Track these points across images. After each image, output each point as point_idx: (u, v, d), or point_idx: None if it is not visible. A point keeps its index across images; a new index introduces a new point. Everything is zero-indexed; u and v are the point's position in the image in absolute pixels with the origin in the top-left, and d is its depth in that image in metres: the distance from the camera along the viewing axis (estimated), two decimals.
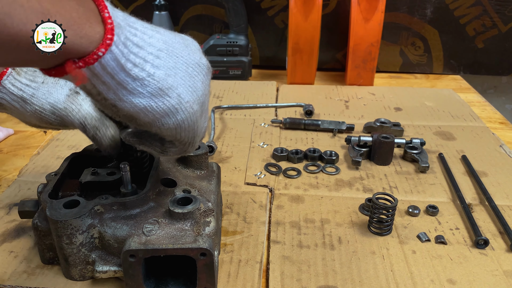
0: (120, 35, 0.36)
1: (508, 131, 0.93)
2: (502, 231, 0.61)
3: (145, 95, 0.38)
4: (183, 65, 0.40)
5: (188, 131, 0.43)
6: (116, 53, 0.35)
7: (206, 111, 0.46)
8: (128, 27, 0.37)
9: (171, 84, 0.39)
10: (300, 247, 0.58)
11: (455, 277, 0.53)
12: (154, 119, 0.40)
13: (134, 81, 0.37)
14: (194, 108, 0.42)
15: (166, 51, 0.39)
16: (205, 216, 0.51)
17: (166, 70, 0.39)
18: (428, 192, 0.70)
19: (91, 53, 0.34)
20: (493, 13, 1.18)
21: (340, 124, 0.89)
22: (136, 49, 0.37)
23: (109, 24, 0.35)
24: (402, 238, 0.60)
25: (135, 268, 0.46)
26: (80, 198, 0.51)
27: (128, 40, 0.36)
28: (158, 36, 0.39)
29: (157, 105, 0.39)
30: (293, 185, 0.72)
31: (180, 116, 0.41)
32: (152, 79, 0.38)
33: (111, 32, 0.35)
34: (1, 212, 0.64)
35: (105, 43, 0.35)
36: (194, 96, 0.41)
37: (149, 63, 0.38)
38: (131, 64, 0.37)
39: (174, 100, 0.40)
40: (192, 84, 0.41)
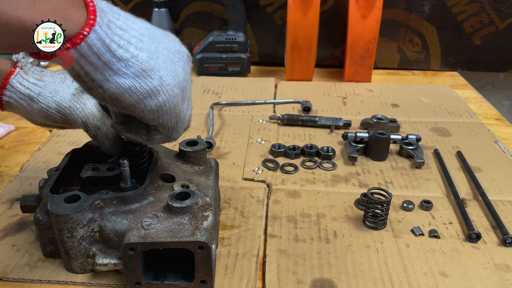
0: (103, 17, 0.38)
1: (504, 127, 0.94)
2: (495, 225, 0.62)
3: (129, 76, 0.41)
4: (164, 50, 0.43)
5: (170, 114, 0.45)
6: (100, 33, 0.38)
7: (189, 99, 0.48)
8: (111, 12, 0.39)
9: (153, 66, 0.41)
10: (296, 241, 0.59)
11: (447, 270, 0.54)
12: (137, 100, 0.42)
13: (119, 61, 0.40)
14: (175, 91, 0.44)
15: (148, 36, 0.42)
16: (203, 210, 0.52)
17: (149, 53, 0.41)
18: (423, 187, 0.71)
19: (77, 34, 0.37)
20: (490, 10, 1.18)
21: (337, 121, 0.90)
22: (120, 32, 0.39)
23: (91, 6, 0.38)
24: (397, 232, 0.61)
25: (134, 261, 0.47)
26: (81, 193, 0.52)
27: (111, 23, 0.39)
28: (140, 23, 0.42)
29: (140, 86, 0.41)
30: (290, 181, 0.73)
31: (162, 97, 0.43)
32: (136, 60, 0.40)
33: (94, 13, 0.37)
34: (3, 206, 0.65)
35: (89, 23, 0.37)
36: (175, 80, 0.44)
37: (132, 45, 0.40)
38: (116, 45, 0.39)
39: (156, 81, 0.42)
40: (173, 69, 0.43)
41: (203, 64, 1.18)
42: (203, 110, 0.98)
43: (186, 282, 0.50)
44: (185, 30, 1.28)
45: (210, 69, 1.19)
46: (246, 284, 0.52)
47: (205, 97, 1.05)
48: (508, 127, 0.94)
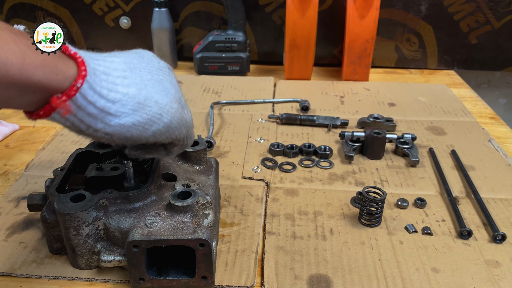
0: (90, 64, 0.40)
1: (498, 126, 0.95)
2: (486, 223, 0.64)
3: (129, 113, 0.42)
4: (148, 74, 0.45)
5: (179, 128, 0.47)
6: (91, 82, 0.39)
7: (185, 104, 0.50)
8: (91, 60, 0.41)
9: (145, 95, 0.43)
10: (294, 238, 0.61)
11: (439, 266, 0.56)
12: (145, 130, 0.44)
13: (114, 104, 0.41)
14: (174, 107, 0.46)
15: (129, 69, 0.43)
16: (204, 209, 0.54)
17: (136, 85, 0.43)
18: (417, 186, 0.73)
19: (71, 86, 0.38)
20: (486, 10, 1.20)
21: (335, 120, 0.92)
22: (105, 76, 0.41)
23: (79, 58, 0.39)
24: (391, 230, 0.63)
25: (138, 257, 0.49)
26: (86, 192, 0.54)
27: (96, 70, 0.40)
28: (117, 60, 0.43)
29: (142, 118, 0.43)
30: (288, 179, 0.75)
31: (166, 118, 0.45)
32: (128, 97, 0.42)
33: (83, 64, 0.39)
34: (10, 205, 0.67)
35: (81, 75, 0.38)
36: (169, 97, 0.46)
37: (119, 85, 0.41)
38: (105, 90, 0.40)
39: (154, 107, 0.44)
40: (163, 88, 0.45)
41: (203, 63, 1.20)
42: (203, 109, 1.00)
43: (187, 278, 0.52)
44: (185, 29, 1.30)
45: (210, 68, 1.21)
46: (245, 279, 0.54)
47: (205, 96, 1.07)
48: (502, 125, 0.96)
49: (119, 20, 1.28)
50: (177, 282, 0.52)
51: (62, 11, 1.29)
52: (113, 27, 1.29)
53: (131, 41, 1.31)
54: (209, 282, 0.52)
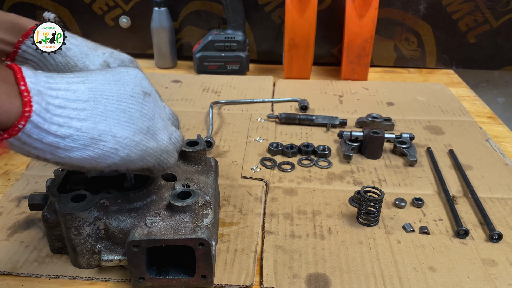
0: (41, 102, 0.38)
1: (496, 125, 0.96)
2: (483, 222, 0.65)
3: (79, 148, 0.41)
4: (114, 104, 0.43)
5: (142, 159, 0.46)
6: (37, 121, 0.38)
7: (160, 129, 0.48)
8: (49, 91, 0.39)
9: (103, 129, 0.42)
10: (292, 237, 0.62)
11: (435, 265, 0.57)
12: (98, 163, 0.43)
13: (64, 139, 0.40)
14: (136, 140, 0.44)
15: (94, 100, 0.42)
16: (203, 208, 0.55)
17: (95, 117, 0.41)
18: (415, 185, 0.74)
19: (13, 126, 0.37)
20: (485, 9, 1.20)
21: (334, 119, 0.93)
22: (59, 111, 0.40)
23: (26, 97, 0.38)
24: (389, 229, 0.64)
25: (138, 257, 0.50)
26: (87, 192, 0.54)
27: (49, 105, 0.39)
28: (83, 88, 0.42)
29: (94, 153, 0.42)
30: (287, 179, 0.76)
31: (123, 152, 0.44)
32: (81, 132, 0.41)
33: (29, 104, 0.38)
34: (11, 204, 0.68)
35: (24, 116, 0.38)
36: (132, 128, 0.44)
37: (74, 119, 0.40)
38: (56, 126, 0.39)
39: (109, 143, 0.42)
40: (127, 119, 0.44)
41: (203, 62, 1.20)
42: (203, 109, 1.01)
43: (187, 277, 0.52)
44: (185, 28, 1.30)
45: (210, 67, 1.21)
46: (244, 278, 0.55)
47: (204, 96, 1.08)
48: (499, 125, 0.96)
49: (118, 20, 1.28)
50: (177, 281, 0.53)
51: (62, 10, 1.29)
52: (112, 26, 1.30)
53: (130, 41, 1.31)
54: (208, 281, 0.52)
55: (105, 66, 0.58)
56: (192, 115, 0.97)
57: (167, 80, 1.17)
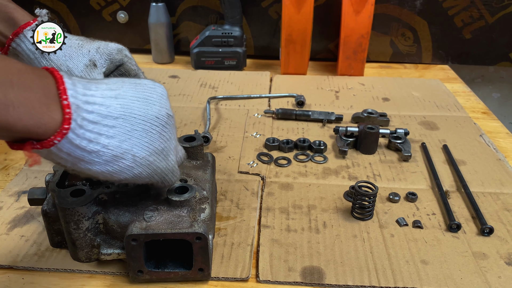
0: (77, 118, 0.39)
1: (490, 120, 0.97)
2: (475, 216, 0.66)
3: (101, 163, 0.43)
4: (140, 124, 0.45)
5: (150, 177, 0.48)
6: (71, 137, 0.39)
7: (170, 150, 0.49)
8: (86, 105, 0.40)
9: (125, 148, 0.44)
10: (288, 231, 0.63)
11: (428, 258, 0.58)
12: (112, 177, 0.45)
13: (90, 154, 0.41)
14: (150, 160, 0.46)
15: (124, 117, 0.43)
16: (201, 203, 0.56)
17: (121, 136, 0.43)
18: (409, 180, 0.75)
19: (48, 140, 0.38)
20: (481, 5, 1.21)
21: (330, 115, 0.94)
22: (92, 126, 0.41)
23: (67, 114, 0.38)
24: (382, 223, 0.65)
25: (137, 251, 0.51)
26: (86, 187, 0.55)
27: (84, 120, 0.40)
28: (115, 104, 0.43)
29: (113, 169, 0.44)
30: (283, 174, 0.77)
31: (137, 170, 0.46)
32: (106, 149, 0.42)
33: (68, 122, 0.38)
34: (11, 199, 0.69)
35: (62, 133, 0.38)
36: (149, 149, 0.46)
37: (103, 135, 0.42)
38: (86, 141, 0.41)
39: (128, 161, 0.44)
40: (148, 140, 0.45)
41: (200, 58, 1.21)
42: (200, 104, 1.01)
43: (185, 270, 0.54)
44: (182, 24, 1.30)
45: (207, 63, 1.22)
46: (241, 271, 0.56)
47: (202, 91, 1.08)
48: (493, 120, 0.97)
49: (116, 15, 1.28)
50: (175, 274, 0.54)
51: (60, 5, 1.29)
52: (110, 21, 1.30)
53: (128, 36, 1.32)
54: (205, 274, 0.53)
55: (91, 66, 0.58)
56: (190, 111, 0.98)
57: (164, 75, 1.18)
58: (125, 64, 0.66)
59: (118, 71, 0.68)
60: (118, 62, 0.65)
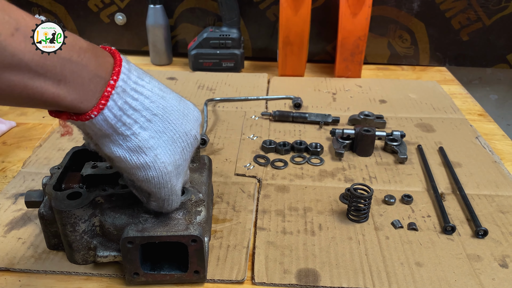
0: (118, 100, 0.41)
1: (486, 122, 0.98)
2: (469, 218, 0.66)
3: (124, 148, 0.44)
4: (172, 131, 0.46)
5: (160, 188, 0.48)
6: (108, 116, 0.41)
7: (184, 173, 0.51)
8: (133, 92, 0.42)
9: (151, 144, 0.45)
10: (284, 233, 0.63)
11: (422, 260, 0.59)
12: (126, 168, 0.46)
13: (118, 135, 0.43)
14: (168, 169, 0.47)
15: (161, 116, 0.45)
16: (196, 206, 0.56)
17: (152, 132, 0.45)
18: (405, 182, 0.75)
19: (85, 114, 0.40)
20: (478, 7, 1.22)
21: (326, 117, 0.94)
22: (131, 111, 0.43)
23: (107, 92, 0.40)
24: (378, 225, 0.65)
25: (132, 253, 0.51)
26: (82, 190, 0.56)
27: (126, 104, 0.42)
28: (160, 102, 0.45)
29: (131, 158, 0.44)
30: (280, 176, 0.77)
31: (152, 172, 0.46)
32: (135, 137, 0.44)
33: (106, 98, 0.40)
34: (8, 201, 0.69)
35: (98, 107, 0.40)
36: (171, 158, 0.46)
37: (138, 124, 0.43)
38: (121, 123, 0.42)
39: (149, 158, 0.45)
40: (173, 148, 0.47)
41: (198, 59, 1.21)
42: (198, 106, 1.02)
43: (180, 272, 0.54)
44: (180, 25, 1.31)
45: (205, 64, 1.22)
46: (236, 273, 0.56)
47: (199, 93, 1.09)
48: (490, 122, 0.98)
49: (114, 17, 1.29)
50: (171, 276, 0.54)
51: (58, 7, 1.29)
52: (108, 23, 1.30)
53: (126, 38, 1.32)
54: (201, 276, 0.54)
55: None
56: None
57: (162, 77, 1.18)
58: None
59: None
60: None
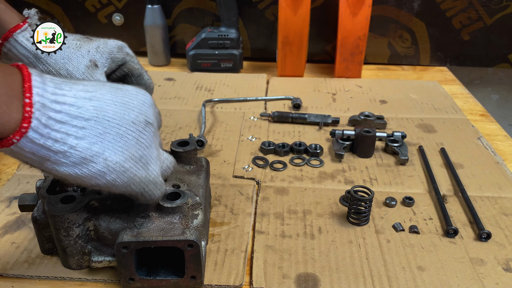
0: (41, 117, 0.38)
1: (488, 123, 0.96)
2: (472, 221, 0.65)
3: (69, 164, 0.41)
4: (114, 128, 0.42)
5: (126, 186, 0.45)
6: (33, 137, 0.37)
7: (153, 159, 0.47)
8: (54, 105, 0.39)
9: (96, 151, 0.41)
10: (283, 237, 0.62)
11: (424, 265, 0.57)
12: (83, 181, 0.43)
13: (56, 154, 0.39)
14: (125, 166, 0.44)
15: (96, 119, 0.41)
16: (193, 209, 0.55)
17: (92, 138, 0.41)
18: (406, 184, 0.74)
19: (7, 138, 0.37)
20: (479, 6, 1.21)
21: (326, 118, 0.93)
22: (58, 126, 0.39)
23: (27, 112, 0.37)
24: (378, 228, 0.64)
25: (128, 258, 0.50)
26: (76, 194, 0.54)
27: (50, 119, 0.38)
28: (89, 105, 0.41)
29: (82, 172, 0.41)
30: (278, 178, 0.76)
31: (109, 176, 0.43)
32: (74, 150, 0.40)
33: (28, 121, 0.37)
34: (2, 205, 0.68)
35: (20, 131, 0.37)
36: (125, 155, 0.43)
37: (72, 135, 0.40)
38: (52, 140, 0.39)
39: (100, 165, 0.42)
40: (122, 144, 0.43)
41: (196, 60, 1.20)
42: (196, 107, 1.00)
43: (177, 278, 0.53)
44: (178, 26, 1.30)
45: (203, 65, 1.21)
46: (234, 279, 0.55)
47: (198, 94, 1.07)
48: (492, 123, 0.96)
49: (111, 17, 1.28)
50: (167, 282, 0.53)
51: (55, 8, 1.28)
52: (105, 24, 1.29)
53: (123, 38, 1.29)
54: (198, 281, 0.53)
55: (92, 67, 0.57)
56: (185, 114, 0.97)
57: (160, 78, 1.17)
58: (128, 63, 0.63)
59: (121, 71, 0.65)
60: (120, 61, 0.62)
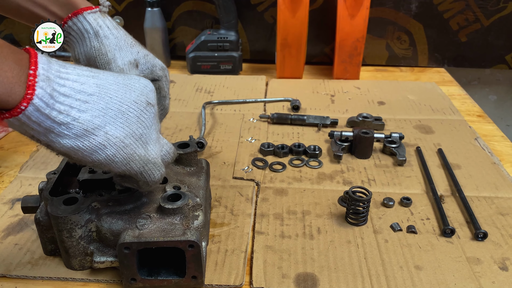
0: (47, 87, 0.40)
1: (485, 124, 0.97)
2: (469, 221, 0.66)
3: (71, 137, 0.43)
4: (117, 104, 0.45)
5: (126, 163, 0.47)
6: (39, 105, 0.40)
7: (152, 140, 0.49)
8: (58, 79, 0.41)
9: (98, 124, 0.43)
10: (282, 237, 0.63)
11: (422, 264, 0.58)
12: (84, 156, 0.44)
13: (60, 125, 0.42)
14: (125, 142, 0.45)
15: (98, 95, 0.44)
16: (194, 210, 0.56)
17: (94, 112, 0.43)
18: (404, 185, 0.75)
19: (16, 107, 0.39)
20: (476, 8, 1.22)
21: (325, 119, 0.94)
22: (62, 98, 0.41)
23: (30, 81, 0.40)
24: (377, 228, 0.65)
25: (129, 259, 0.51)
26: (78, 195, 0.55)
27: (55, 91, 0.41)
28: (92, 82, 0.44)
29: (83, 144, 0.43)
30: (278, 179, 0.77)
31: (109, 151, 0.45)
32: (77, 122, 0.42)
33: (32, 87, 0.39)
34: (5, 207, 0.69)
35: (26, 98, 0.39)
36: (125, 131, 0.45)
37: (75, 108, 0.42)
38: (56, 112, 0.41)
39: (100, 138, 0.44)
40: (124, 121, 0.45)
41: (196, 62, 1.21)
42: (196, 109, 1.01)
43: (178, 278, 0.53)
44: (178, 28, 1.31)
45: (203, 67, 1.22)
46: (234, 278, 0.56)
47: (197, 96, 1.08)
48: (489, 123, 0.97)
49: None
50: (168, 282, 0.54)
51: None
52: None
53: None
54: (199, 281, 0.53)
55: (134, 65, 0.59)
56: (185, 116, 0.98)
57: None
58: (160, 82, 0.65)
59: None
60: (157, 77, 0.65)
